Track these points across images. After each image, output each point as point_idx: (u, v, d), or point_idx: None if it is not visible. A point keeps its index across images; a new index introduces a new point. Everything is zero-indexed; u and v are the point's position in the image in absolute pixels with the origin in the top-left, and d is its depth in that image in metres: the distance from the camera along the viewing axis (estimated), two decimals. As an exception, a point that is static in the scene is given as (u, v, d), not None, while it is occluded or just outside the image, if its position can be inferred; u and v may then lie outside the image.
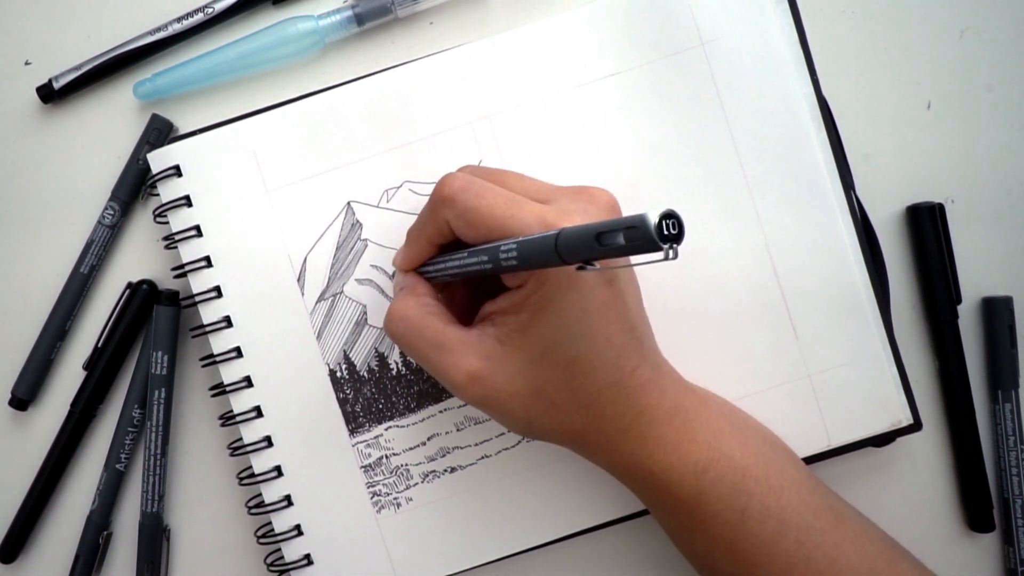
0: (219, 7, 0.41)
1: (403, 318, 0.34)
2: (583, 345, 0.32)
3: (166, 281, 0.43)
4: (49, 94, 0.42)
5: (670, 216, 0.22)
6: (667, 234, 0.22)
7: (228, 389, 0.40)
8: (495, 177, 0.34)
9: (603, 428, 0.33)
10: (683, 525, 0.35)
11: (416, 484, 0.41)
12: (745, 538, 0.34)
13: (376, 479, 0.41)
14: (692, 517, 0.34)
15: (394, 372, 0.41)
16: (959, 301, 0.42)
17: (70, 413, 0.42)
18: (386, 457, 0.41)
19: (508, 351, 0.33)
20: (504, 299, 0.33)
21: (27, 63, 0.43)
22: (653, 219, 0.22)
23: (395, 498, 0.41)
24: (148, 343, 0.42)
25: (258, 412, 0.40)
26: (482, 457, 0.41)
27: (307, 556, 0.41)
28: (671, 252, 0.23)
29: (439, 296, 0.36)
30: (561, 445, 0.36)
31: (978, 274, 0.43)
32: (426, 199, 0.40)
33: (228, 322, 0.40)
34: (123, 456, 0.42)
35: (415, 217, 0.40)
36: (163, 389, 0.41)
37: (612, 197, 0.34)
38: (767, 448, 0.36)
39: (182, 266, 0.40)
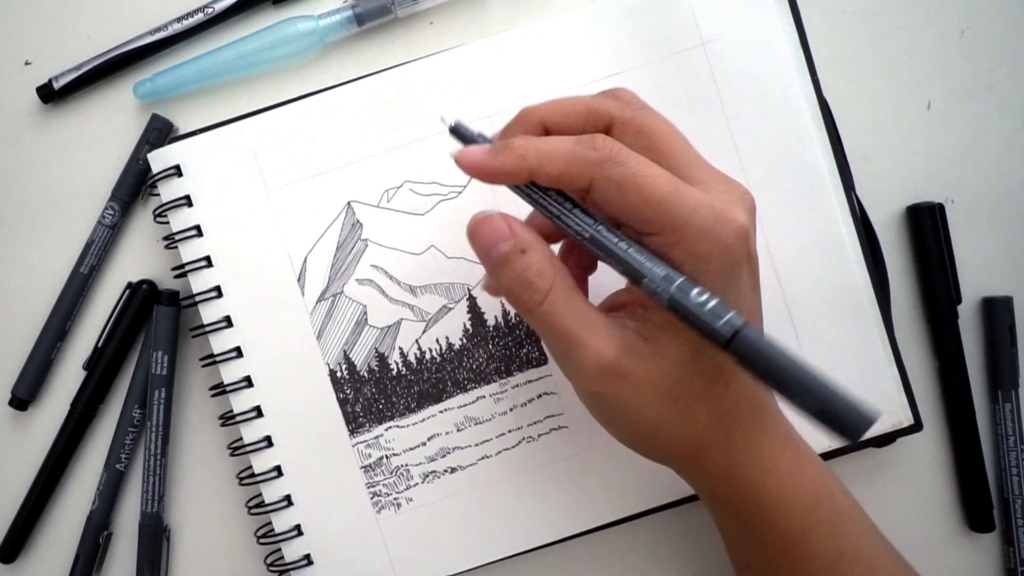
0: (219, 7, 0.41)
1: (548, 291, 0.29)
2: None
3: (166, 281, 0.43)
4: (49, 94, 0.42)
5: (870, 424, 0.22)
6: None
7: (228, 389, 0.40)
8: (659, 135, 0.30)
9: (730, 445, 0.31)
10: (774, 563, 0.33)
11: (416, 484, 0.41)
12: None
13: (376, 479, 0.41)
14: (788, 556, 0.32)
15: (394, 372, 0.41)
16: (959, 301, 0.42)
17: (70, 413, 0.42)
18: (386, 457, 0.41)
19: (652, 349, 0.29)
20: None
21: (27, 63, 0.43)
22: (866, 425, 0.23)
23: (395, 498, 0.41)
24: (148, 343, 0.42)
25: (258, 412, 0.40)
26: (482, 457, 0.41)
27: (307, 556, 0.41)
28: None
29: None
30: (674, 460, 0.33)
31: (978, 274, 0.43)
32: (426, 199, 0.40)
33: (228, 322, 0.40)
34: (123, 456, 0.42)
35: (415, 217, 0.40)
36: (163, 389, 0.41)
37: (752, 197, 0.31)
38: (847, 490, 0.34)
39: (182, 266, 0.40)
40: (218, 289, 0.40)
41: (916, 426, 0.40)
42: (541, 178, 0.29)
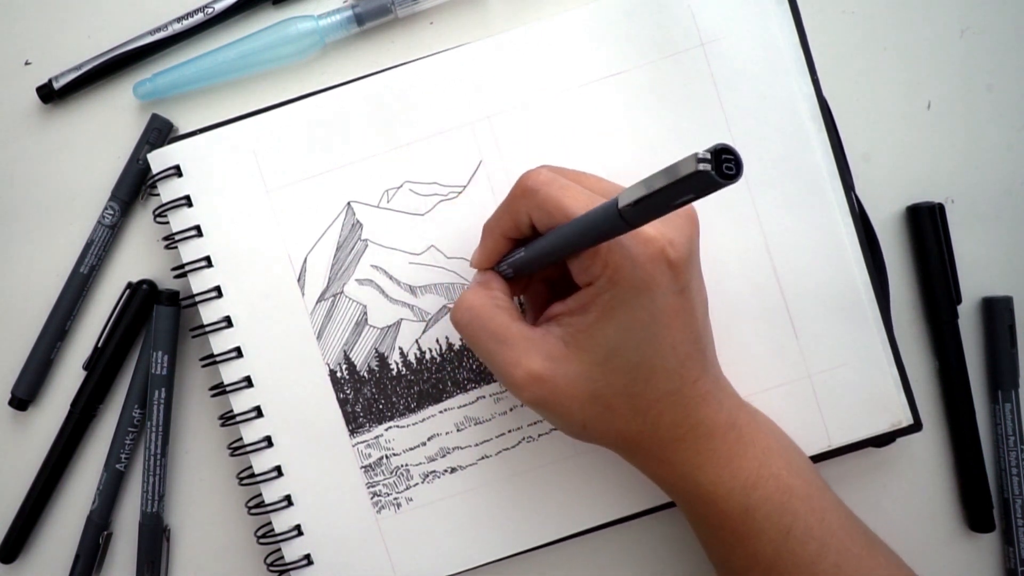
0: (219, 7, 0.41)
1: (469, 308, 0.34)
2: (648, 351, 0.31)
3: (166, 281, 0.43)
4: (49, 94, 0.42)
5: (727, 153, 0.21)
6: (727, 172, 0.21)
7: (228, 389, 0.40)
8: (574, 177, 0.34)
9: (658, 436, 0.33)
10: (724, 541, 0.35)
11: (416, 484, 0.41)
12: (786, 558, 0.33)
13: (376, 479, 0.41)
14: (735, 534, 0.34)
15: (394, 372, 0.41)
16: (959, 301, 0.42)
17: (70, 413, 0.42)
18: (386, 457, 0.41)
19: (572, 352, 0.32)
20: (573, 299, 0.33)
21: (27, 63, 0.43)
22: (708, 165, 0.21)
23: (395, 498, 0.41)
24: (148, 343, 0.42)
25: (258, 412, 0.40)
26: (482, 457, 0.41)
27: (307, 556, 0.41)
28: (734, 182, 0.22)
29: (514, 297, 0.36)
30: (613, 450, 0.36)
31: (978, 274, 0.43)
32: (426, 199, 0.40)
33: (228, 322, 0.40)
34: (123, 456, 0.42)
35: (415, 217, 0.40)
36: (163, 389, 0.41)
37: (692, 214, 0.34)
38: (808, 469, 0.36)
39: (182, 266, 0.40)
40: (218, 289, 0.40)
41: (916, 426, 0.40)
42: (509, 233, 0.34)
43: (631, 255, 0.31)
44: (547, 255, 0.33)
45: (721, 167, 0.22)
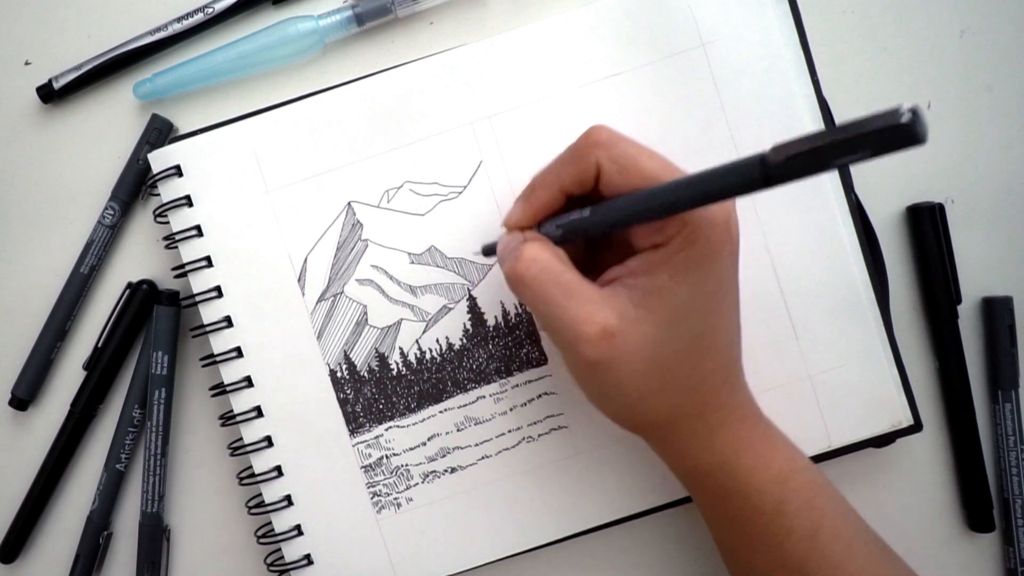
0: (219, 7, 0.41)
1: (536, 259, 0.31)
2: (712, 319, 0.31)
3: (166, 281, 0.43)
4: (49, 94, 0.42)
5: (914, 115, 0.21)
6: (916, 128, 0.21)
7: (228, 389, 0.40)
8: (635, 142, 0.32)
9: (705, 416, 0.32)
10: (752, 539, 0.33)
11: (416, 484, 0.41)
12: (814, 559, 0.32)
13: (376, 479, 0.41)
14: (765, 531, 0.33)
15: (394, 372, 0.41)
16: (959, 301, 0.42)
17: (70, 413, 0.42)
18: (386, 457, 0.41)
19: (642, 315, 0.30)
20: (636, 261, 0.31)
21: (27, 63, 0.43)
22: (906, 116, 0.21)
23: (395, 498, 0.41)
24: (148, 343, 0.42)
25: (258, 412, 0.40)
26: (482, 457, 0.41)
27: (307, 556, 0.41)
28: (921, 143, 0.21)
29: None
30: (655, 429, 0.34)
31: (978, 274, 0.43)
32: (426, 199, 0.40)
33: (228, 322, 0.40)
34: (123, 456, 0.42)
35: (416, 217, 0.40)
36: (163, 389, 0.41)
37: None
38: (820, 471, 0.35)
39: (182, 266, 0.40)
40: (218, 289, 0.40)
41: (916, 426, 0.40)
42: (568, 184, 0.32)
43: (709, 215, 0.29)
44: (633, 214, 0.30)
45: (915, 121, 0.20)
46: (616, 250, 0.33)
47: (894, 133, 0.21)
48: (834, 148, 0.22)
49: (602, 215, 0.31)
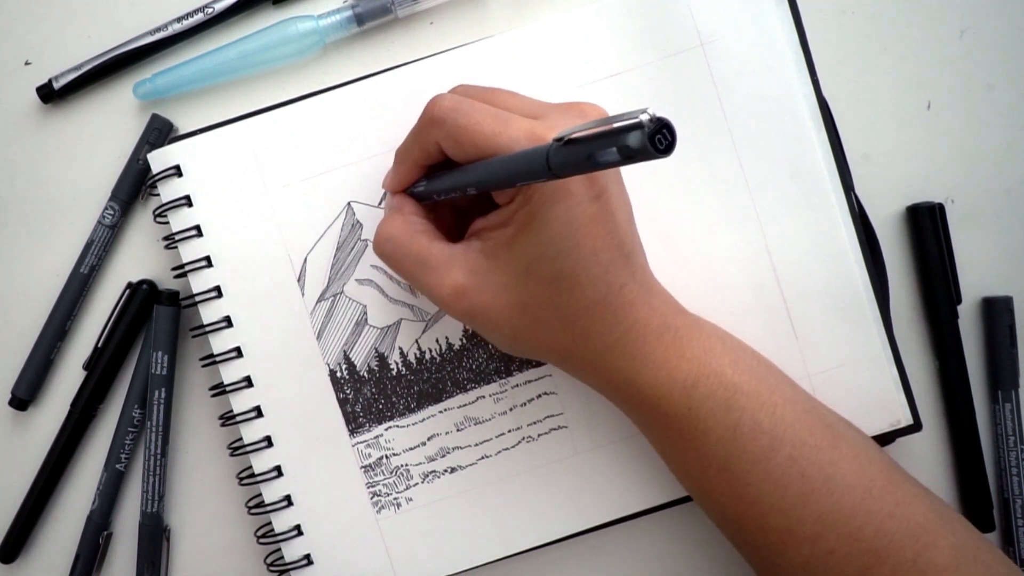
0: (219, 7, 0.41)
1: (389, 238, 0.34)
2: (568, 260, 0.31)
3: (166, 281, 0.43)
4: (49, 94, 0.42)
5: (663, 126, 0.21)
6: (660, 145, 0.21)
7: (228, 389, 0.40)
8: (485, 95, 0.34)
9: (590, 345, 0.33)
10: (675, 444, 0.35)
11: (416, 484, 0.41)
12: (738, 455, 0.33)
13: (376, 479, 0.41)
14: (683, 435, 0.34)
15: (394, 372, 0.41)
16: (959, 301, 0.42)
17: (70, 413, 0.42)
18: (386, 457, 0.41)
19: (493, 265, 0.33)
20: (493, 215, 0.33)
21: (27, 63, 0.43)
22: (645, 132, 0.21)
23: (395, 498, 0.41)
24: (148, 343, 0.42)
25: (258, 412, 0.40)
26: (482, 457, 0.41)
27: (307, 556, 0.41)
28: (664, 156, 0.21)
29: (428, 215, 0.36)
30: (548, 362, 0.36)
31: (978, 274, 0.43)
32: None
33: (228, 322, 0.40)
34: (123, 456, 0.42)
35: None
36: (163, 389, 0.41)
37: (602, 111, 0.33)
38: (760, 366, 0.35)
39: (182, 266, 0.40)
40: (218, 289, 0.40)
41: (916, 426, 0.40)
42: (420, 161, 0.35)
43: None
44: (459, 189, 0.32)
45: (654, 137, 0.21)
46: (489, 204, 0.35)
47: (629, 135, 0.22)
48: (592, 142, 0.23)
49: (434, 187, 0.34)
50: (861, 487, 0.33)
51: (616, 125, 0.22)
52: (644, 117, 0.21)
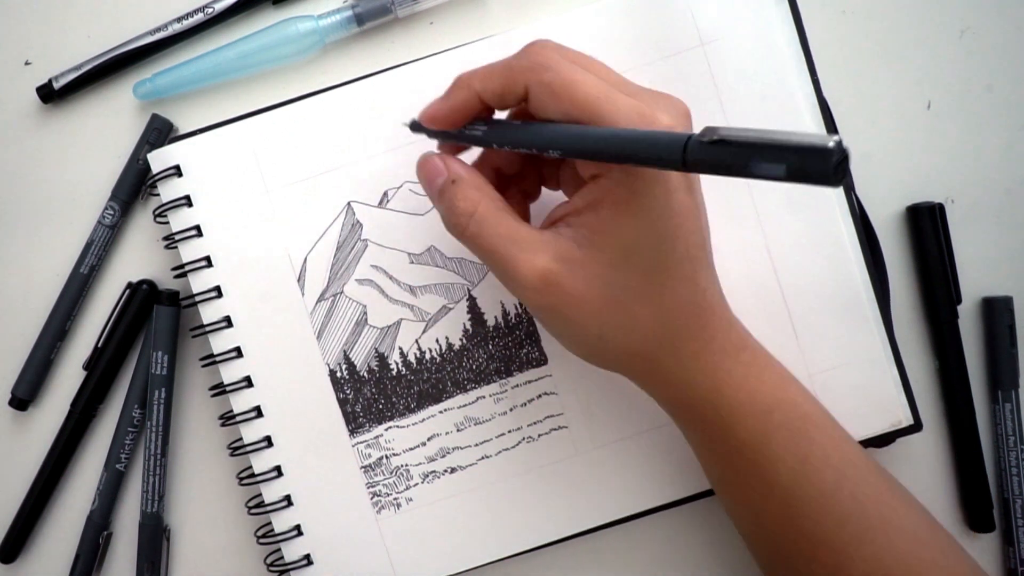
0: (219, 7, 0.41)
1: (471, 215, 0.31)
2: (666, 249, 0.29)
3: (166, 281, 0.43)
4: (49, 94, 0.42)
5: (845, 157, 0.20)
6: (839, 174, 0.20)
7: (228, 389, 0.40)
8: (583, 61, 0.31)
9: (677, 350, 0.31)
10: (740, 471, 0.33)
11: (416, 484, 0.41)
12: (803, 487, 0.32)
13: (376, 479, 0.41)
14: (753, 462, 0.32)
15: (394, 372, 0.41)
16: (959, 301, 0.42)
17: (70, 413, 0.42)
18: (386, 457, 0.41)
19: (587, 254, 0.30)
20: (579, 197, 0.30)
21: (27, 63, 0.43)
22: (834, 159, 0.19)
23: (395, 498, 0.41)
24: (148, 343, 0.42)
25: (258, 412, 0.40)
26: (482, 457, 0.41)
27: (307, 556, 0.41)
28: (836, 186, 0.20)
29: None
30: (625, 369, 0.33)
31: (978, 274, 0.43)
32: (426, 199, 0.40)
33: (228, 322, 0.40)
34: (123, 456, 0.42)
35: (415, 217, 0.40)
36: (163, 389, 0.41)
37: (687, 107, 0.31)
38: (815, 400, 0.34)
39: (182, 266, 0.40)
40: (218, 289, 0.40)
41: (916, 426, 0.40)
42: (488, 97, 0.31)
43: None
44: (541, 147, 0.29)
45: (839, 165, 0.20)
46: (533, 180, 0.32)
47: (811, 157, 0.20)
48: (753, 149, 0.22)
49: (505, 136, 0.30)
50: (910, 531, 0.33)
51: (796, 141, 0.21)
52: (831, 144, 0.20)
